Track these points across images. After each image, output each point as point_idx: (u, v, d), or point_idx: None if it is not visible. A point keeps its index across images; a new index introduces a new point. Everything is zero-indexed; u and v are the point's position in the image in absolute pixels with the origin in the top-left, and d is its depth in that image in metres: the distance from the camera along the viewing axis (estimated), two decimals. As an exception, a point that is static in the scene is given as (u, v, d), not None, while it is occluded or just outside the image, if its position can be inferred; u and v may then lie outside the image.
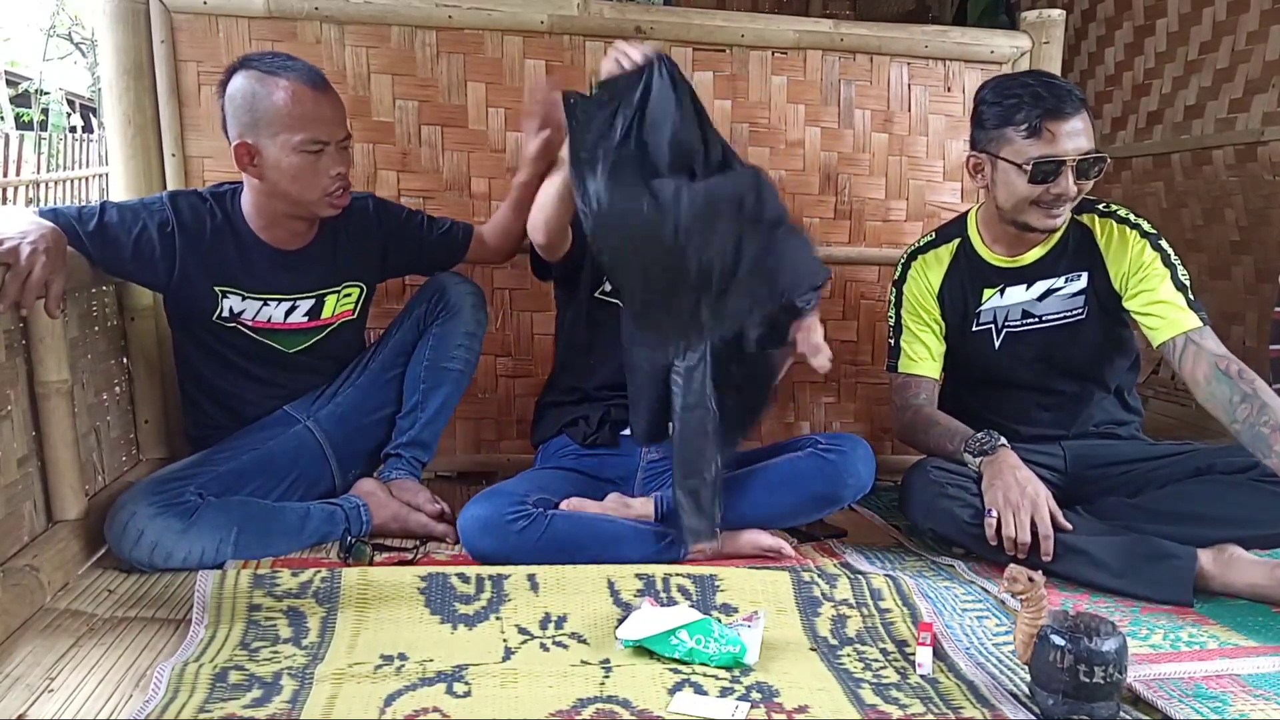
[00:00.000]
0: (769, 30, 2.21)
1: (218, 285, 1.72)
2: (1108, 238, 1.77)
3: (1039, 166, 1.65)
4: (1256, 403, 1.55)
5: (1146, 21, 3.08)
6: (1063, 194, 1.67)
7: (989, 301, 1.86)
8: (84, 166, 7.57)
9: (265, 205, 1.71)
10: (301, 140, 1.62)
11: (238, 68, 1.64)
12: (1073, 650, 1.16)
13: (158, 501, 1.58)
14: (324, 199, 1.69)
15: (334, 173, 1.67)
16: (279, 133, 1.61)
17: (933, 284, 1.89)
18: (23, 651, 1.30)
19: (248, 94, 1.61)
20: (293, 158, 1.63)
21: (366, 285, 1.89)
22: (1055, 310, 1.83)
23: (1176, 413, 2.79)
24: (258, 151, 1.63)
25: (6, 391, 1.48)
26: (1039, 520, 1.58)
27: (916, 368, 1.89)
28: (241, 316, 1.76)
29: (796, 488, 1.69)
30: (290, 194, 1.67)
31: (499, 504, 1.63)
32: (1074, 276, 1.81)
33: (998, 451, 1.68)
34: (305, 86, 1.62)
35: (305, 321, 1.81)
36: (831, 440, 1.71)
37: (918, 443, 1.85)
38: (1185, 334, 1.66)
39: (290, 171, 1.64)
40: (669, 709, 1.19)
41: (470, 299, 1.88)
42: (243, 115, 1.62)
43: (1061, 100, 1.64)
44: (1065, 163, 1.64)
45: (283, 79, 1.61)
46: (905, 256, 1.95)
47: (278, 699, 1.18)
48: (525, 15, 2.10)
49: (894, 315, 1.94)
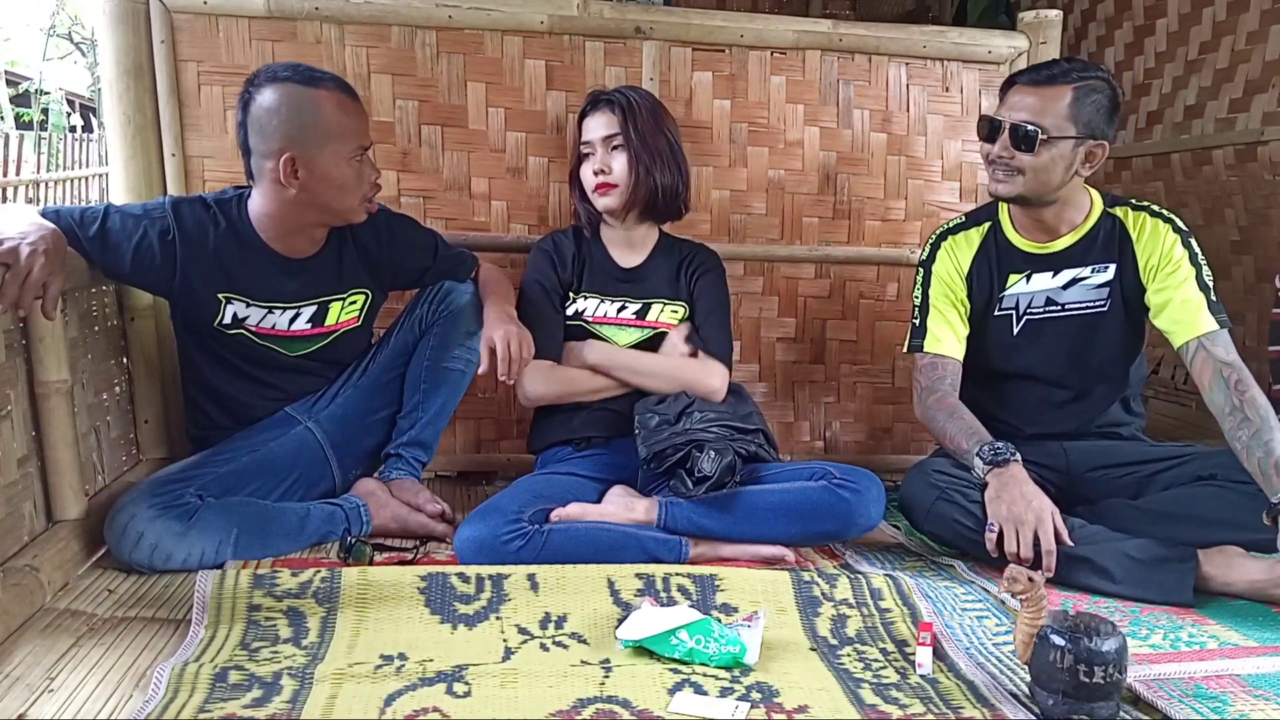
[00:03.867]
0: (768, 30, 2.22)
1: (220, 292, 1.71)
2: (1140, 229, 1.79)
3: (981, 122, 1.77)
4: (1239, 416, 1.60)
5: (1146, 21, 3.08)
6: (993, 156, 1.74)
7: (1014, 287, 1.86)
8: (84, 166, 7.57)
9: (291, 215, 1.69)
10: (351, 150, 1.64)
11: (264, 81, 1.61)
12: (1073, 650, 1.16)
13: (157, 504, 1.57)
14: (361, 204, 1.70)
15: (373, 178, 1.70)
16: (328, 144, 1.61)
17: (962, 265, 1.89)
18: (23, 651, 1.30)
19: (293, 106, 1.59)
20: (345, 168, 1.64)
21: (373, 294, 1.88)
22: (1078, 300, 1.83)
23: (1177, 413, 2.79)
24: (304, 163, 1.61)
25: (6, 391, 1.48)
26: (1043, 536, 1.57)
27: (942, 348, 1.87)
28: (245, 323, 1.75)
29: (807, 521, 1.68)
30: (331, 204, 1.67)
31: (494, 524, 1.61)
32: (1101, 268, 1.81)
33: (1009, 465, 1.65)
34: (346, 96, 1.65)
35: (308, 328, 1.80)
36: (846, 475, 1.68)
37: (935, 428, 1.82)
38: (1199, 337, 1.68)
39: (339, 181, 1.64)
40: (669, 709, 1.19)
41: (471, 300, 1.88)
42: (286, 129, 1.59)
43: (1034, 70, 1.75)
44: (1001, 124, 1.72)
45: (324, 90, 1.61)
46: (934, 237, 1.94)
47: (278, 699, 1.18)
48: (525, 15, 2.10)
49: (920, 295, 1.92)
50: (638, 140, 1.86)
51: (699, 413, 1.77)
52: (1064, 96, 1.68)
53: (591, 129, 1.89)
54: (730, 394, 1.92)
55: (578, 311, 1.94)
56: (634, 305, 1.95)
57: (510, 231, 2.19)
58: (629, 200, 1.89)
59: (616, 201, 1.88)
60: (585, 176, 1.91)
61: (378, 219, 1.81)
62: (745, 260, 2.30)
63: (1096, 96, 1.70)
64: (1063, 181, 1.74)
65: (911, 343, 1.91)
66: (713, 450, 1.67)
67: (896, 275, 2.37)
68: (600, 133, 1.88)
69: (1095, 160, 1.73)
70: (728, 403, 1.87)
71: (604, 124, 1.88)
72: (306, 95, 1.60)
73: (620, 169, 1.87)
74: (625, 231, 1.96)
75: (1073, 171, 1.73)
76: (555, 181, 2.19)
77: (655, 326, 1.95)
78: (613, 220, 1.94)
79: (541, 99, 2.15)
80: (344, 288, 1.82)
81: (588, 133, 1.90)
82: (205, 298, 1.71)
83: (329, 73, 1.67)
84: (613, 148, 1.87)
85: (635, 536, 1.66)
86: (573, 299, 1.95)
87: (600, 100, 1.91)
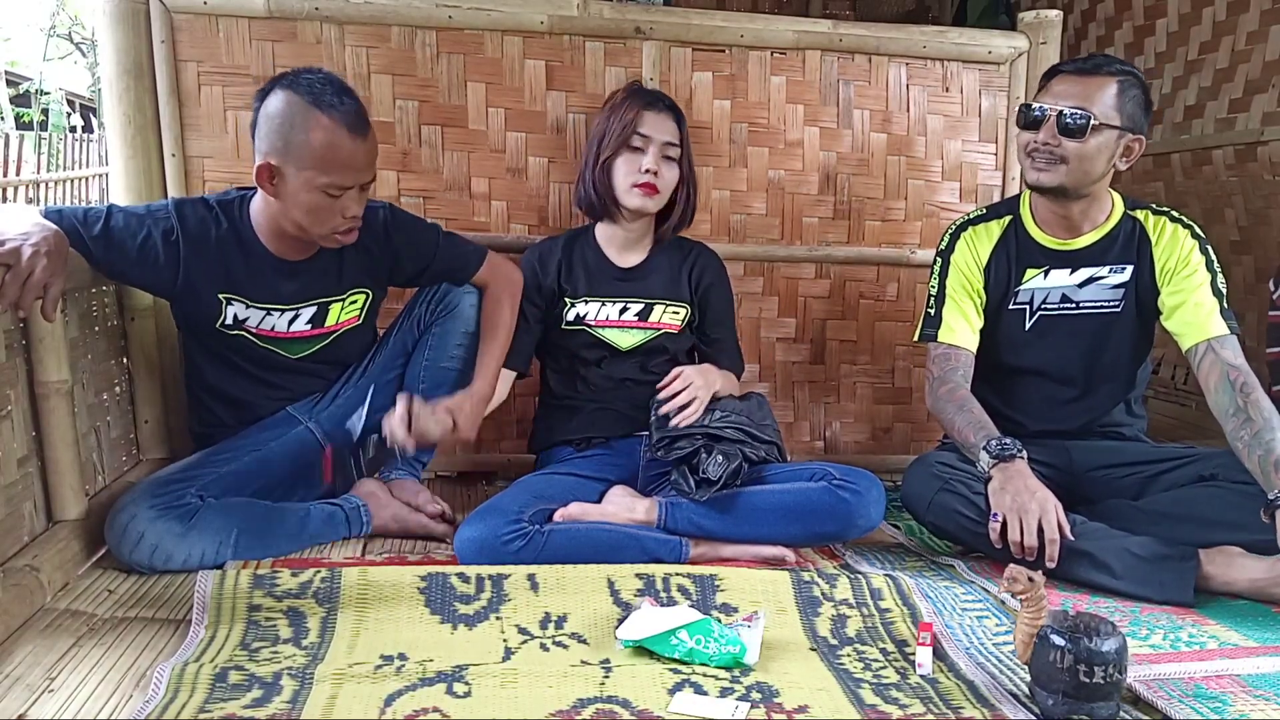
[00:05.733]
0: (768, 30, 2.22)
1: (222, 293, 1.71)
2: (1160, 232, 1.80)
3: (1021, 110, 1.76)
4: (1242, 416, 1.60)
5: (1146, 21, 3.08)
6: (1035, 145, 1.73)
7: (1030, 281, 1.86)
8: (84, 166, 7.57)
9: (276, 220, 1.69)
10: (326, 183, 1.58)
11: (283, 85, 1.58)
12: (1073, 650, 1.16)
13: (158, 504, 1.58)
14: (331, 235, 1.66)
15: (350, 214, 1.64)
16: (305, 168, 1.57)
17: (981, 257, 1.89)
18: (23, 651, 1.30)
19: (286, 118, 1.56)
20: (312, 195, 1.59)
21: (373, 292, 1.87)
22: (1093, 299, 1.84)
23: (1177, 413, 2.79)
24: (280, 176, 1.59)
25: (6, 391, 1.48)
26: (1046, 526, 1.57)
27: (956, 338, 1.86)
28: (246, 324, 1.75)
29: (807, 522, 1.68)
30: (301, 223, 1.64)
31: (494, 524, 1.61)
32: (1119, 268, 1.82)
33: (1014, 460, 1.66)
34: (345, 131, 1.56)
35: (308, 329, 1.80)
36: (846, 476, 1.68)
37: (945, 419, 1.82)
38: (1209, 340, 1.69)
39: (305, 205, 1.61)
40: (669, 709, 1.19)
41: (469, 299, 1.88)
42: (275, 138, 1.57)
43: (1078, 60, 1.75)
44: (1047, 112, 1.71)
45: (325, 117, 1.55)
46: (954, 228, 1.94)
47: (278, 699, 1.18)
48: (525, 15, 2.10)
49: (937, 285, 1.91)
50: (688, 155, 1.90)
51: (719, 411, 1.77)
52: (1110, 86, 1.69)
53: (656, 127, 1.85)
54: (754, 398, 1.91)
55: (579, 316, 1.93)
56: (636, 306, 1.94)
57: (510, 231, 2.19)
58: (663, 209, 1.91)
59: (655, 204, 1.89)
60: (627, 168, 1.85)
61: (379, 217, 1.80)
62: (745, 260, 2.30)
63: (1135, 91, 1.71)
64: (1103, 174, 1.75)
65: (925, 332, 1.90)
66: (720, 455, 1.68)
67: (897, 275, 2.37)
68: (664, 136, 1.86)
69: (1132, 155, 1.75)
70: (749, 405, 1.87)
71: (669, 130, 1.87)
72: (307, 114, 1.56)
73: (670, 179, 1.88)
74: (628, 232, 1.96)
75: (1112, 164, 1.74)
76: (555, 181, 2.19)
77: (658, 328, 1.95)
78: (629, 219, 1.93)
79: (541, 99, 2.15)
80: (344, 288, 1.81)
81: (649, 128, 1.85)
82: (207, 298, 1.71)
83: (351, 101, 1.60)
84: (667, 155, 1.87)
85: (636, 537, 1.66)
86: (570, 304, 1.94)
87: (663, 102, 1.89)
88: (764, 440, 1.78)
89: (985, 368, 1.89)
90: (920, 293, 2.31)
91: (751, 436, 1.77)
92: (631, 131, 1.85)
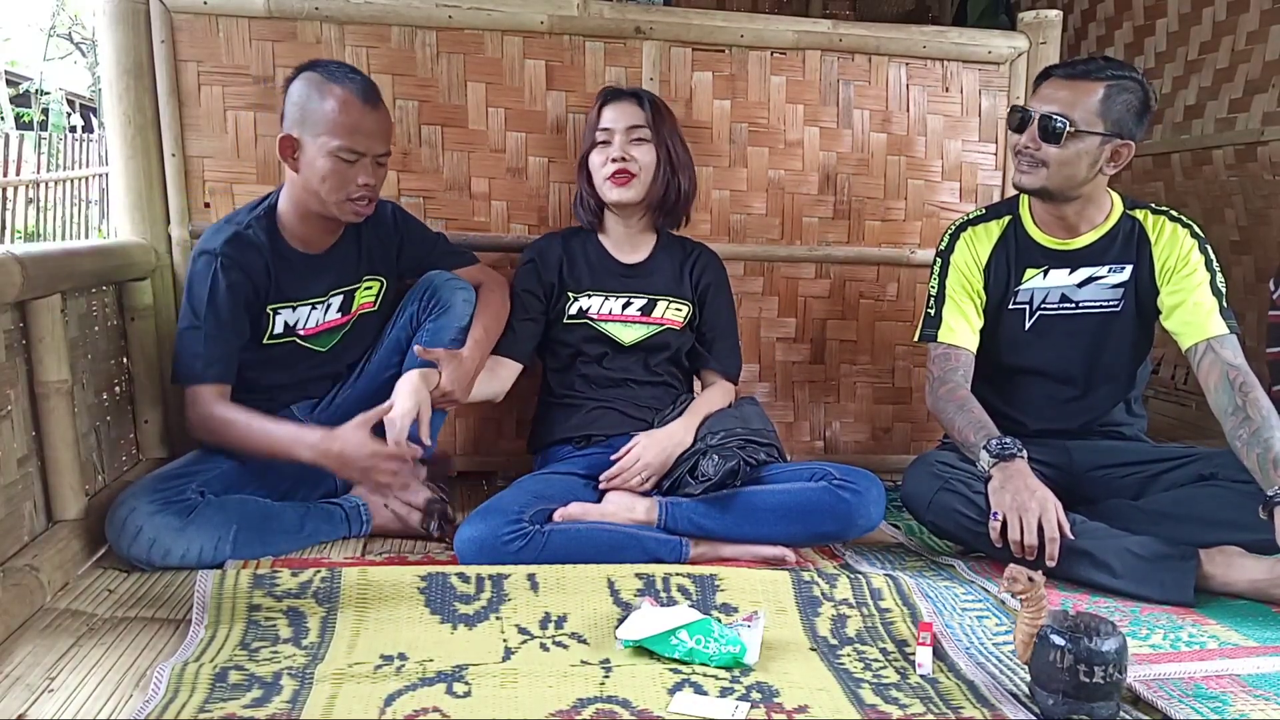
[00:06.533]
0: (768, 30, 2.22)
1: (271, 305, 1.76)
2: (1159, 232, 1.80)
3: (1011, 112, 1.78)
4: (1241, 415, 1.61)
5: (1146, 21, 3.09)
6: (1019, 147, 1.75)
7: (1030, 281, 1.87)
8: (84, 166, 7.58)
9: (299, 200, 1.74)
10: (338, 146, 1.65)
11: (306, 69, 1.70)
12: (1073, 650, 1.16)
13: (158, 499, 1.58)
14: (347, 203, 1.71)
15: (362, 181, 1.70)
16: (320, 134, 1.66)
17: (981, 257, 1.89)
18: (23, 651, 1.30)
19: (304, 94, 1.67)
20: (326, 160, 1.66)
21: (387, 280, 1.92)
22: (1092, 299, 1.84)
23: (1176, 413, 2.79)
24: (299, 146, 1.68)
25: (6, 391, 1.48)
26: (1046, 524, 1.57)
27: (956, 338, 1.86)
28: (295, 328, 1.80)
29: (807, 521, 1.68)
30: (318, 192, 1.70)
31: (494, 524, 1.61)
32: (1118, 268, 1.82)
33: (1014, 460, 1.66)
34: (356, 99, 1.67)
35: (340, 318, 1.86)
36: (846, 476, 1.69)
37: (945, 419, 1.82)
38: (1209, 339, 1.69)
39: (320, 171, 1.67)
40: (669, 709, 1.19)
41: (460, 294, 1.88)
42: (294, 112, 1.68)
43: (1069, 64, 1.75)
44: (1031, 115, 1.72)
45: (338, 87, 1.66)
46: (954, 228, 1.94)
47: (278, 699, 1.18)
48: (525, 15, 2.10)
49: (937, 285, 1.92)
50: (666, 136, 1.89)
51: (716, 432, 1.79)
52: (1095, 92, 1.69)
53: (612, 118, 1.88)
54: (746, 404, 1.93)
55: (581, 310, 1.94)
56: (639, 301, 1.95)
57: (510, 231, 2.19)
58: (648, 193, 1.90)
59: (635, 193, 1.88)
60: (595, 163, 1.90)
61: (388, 210, 1.89)
62: (745, 260, 2.30)
63: (1128, 96, 1.70)
64: (1086, 178, 1.74)
65: (925, 332, 1.90)
66: (716, 455, 1.69)
67: (897, 275, 2.37)
68: (624, 122, 1.87)
69: (1121, 160, 1.74)
70: (743, 412, 1.88)
71: (629, 114, 1.88)
72: (322, 86, 1.66)
73: (646, 161, 1.88)
74: (626, 229, 1.96)
75: (1097, 169, 1.73)
76: (555, 181, 2.19)
77: (661, 323, 1.95)
78: (620, 215, 1.94)
79: (541, 99, 2.15)
80: (360, 275, 1.87)
81: (608, 121, 1.89)
82: (260, 319, 1.76)
83: (362, 77, 1.70)
84: (635, 139, 1.87)
85: (636, 537, 1.66)
86: (573, 298, 1.95)
87: (623, 92, 1.92)
88: (763, 443, 1.78)
89: (985, 367, 1.89)
90: (920, 293, 2.31)
91: (750, 442, 1.77)
92: (595, 128, 1.90)
